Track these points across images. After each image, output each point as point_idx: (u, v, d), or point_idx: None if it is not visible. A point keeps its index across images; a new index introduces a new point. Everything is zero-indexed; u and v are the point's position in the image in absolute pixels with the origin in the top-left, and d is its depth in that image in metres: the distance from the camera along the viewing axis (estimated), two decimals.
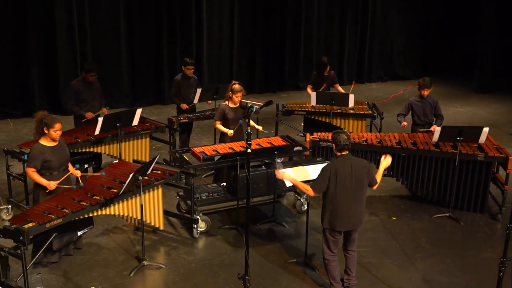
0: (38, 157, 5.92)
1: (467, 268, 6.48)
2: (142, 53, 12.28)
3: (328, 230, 5.64)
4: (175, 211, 7.41)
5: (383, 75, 15.58)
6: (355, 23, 14.75)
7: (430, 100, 8.23)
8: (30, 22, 10.99)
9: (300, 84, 14.18)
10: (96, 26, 11.68)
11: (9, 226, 5.41)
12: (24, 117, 11.27)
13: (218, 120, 7.65)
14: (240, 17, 13.21)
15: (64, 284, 5.95)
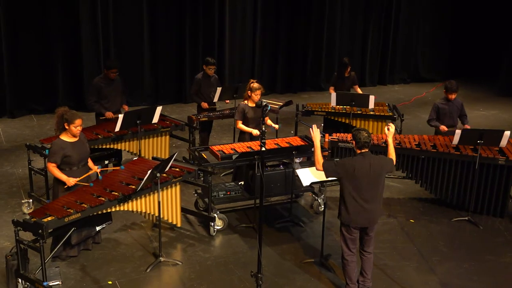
0: (59, 152, 5.99)
1: (485, 273, 6.39)
2: (165, 52, 12.37)
3: (345, 227, 5.62)
4: (193, 208, 7.44)
5: (406, 77, 15.48)
6: (378, 24, 14.69)
7: (456, 103, 8.16)
8: (56, 21, 11.15)
9: (322, 85, 14.17)
10: (120, 25, 11.80)
11: (29, 219, 5.48)
12: (48, 113, 11.40)
13: (239, 120, 7.64)
14: (262, 17, 13.24)
15: (81, 278, 6.01)
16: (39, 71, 11.31)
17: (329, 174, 5.62)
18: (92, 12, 11.34)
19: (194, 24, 12.39)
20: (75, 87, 11.70)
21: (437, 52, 15.69)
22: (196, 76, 9.12)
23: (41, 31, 11.12)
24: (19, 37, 10.97)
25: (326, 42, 14.06)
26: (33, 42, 11.10)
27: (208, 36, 12.63)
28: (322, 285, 6.07)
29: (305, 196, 8.10)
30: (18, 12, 10.86)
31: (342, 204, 5.59)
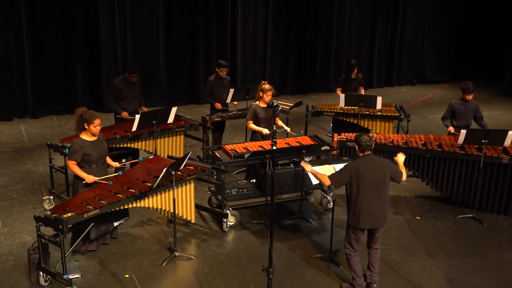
0: (79, 151, 6.03)
1: (489, 269, 6.34)
2: (179, 54, 12.39)
3: (352, 228, 5.61)
4: (207, 205, 7.44)
5: (412, 78, 15.40)
6: (385, 28, 14.62)
7: (472, 105, 8.10)
8: (75, 25, 11.21)
9: (331, 86, 14.14)
10: (137, 29, 11.83)
11: (49, 215, 5.51)
12: (68, 113, 11.44)
13: (250, 120, 7.64)
14: (273, 21, 13.21)
15: (100, 272, 6.04)
16: (59, 73, 11.38)
17: (338, 183, 5.61)
18: (111, 16, 11.39)
19: (207, 27, 12.40)
20: (94, 88, 11.76)
21: (442, 54, 15.60)
22: (209, 78, 9.13)
23: (61, 35, 11.18)
24: (40, 42, 11.04)
25: (335, 45, 14.02)
26: (54, 46, 11.17)
27: (221, 39, 12.64)
28: (330, 279, 6.06)
29: (314, 193, 8.09)
30: (40, 18, 10.93)
31: (351, 207, 5.58)
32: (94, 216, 5.71)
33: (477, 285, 6.03)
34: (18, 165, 8.86)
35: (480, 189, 7.49)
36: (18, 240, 6.62)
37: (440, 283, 6.03)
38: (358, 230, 5.58)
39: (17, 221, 7.07)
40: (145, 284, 5.84)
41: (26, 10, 10.71)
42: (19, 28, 10.74)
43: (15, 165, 8.87)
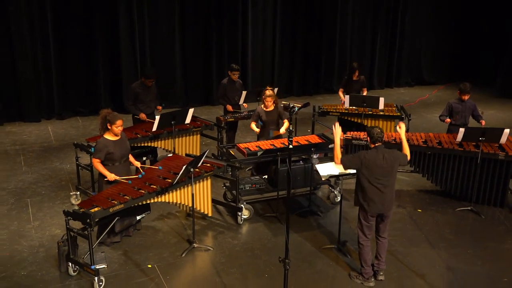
0: (103, 150, 6.00)
1: (488, 258, 6.27)
2: (194, 59, 12.36)
3: (363, 215, 5.56)
4: (222, 200, 7.41)
5: (411, 80, 15.29)
6: (385, 33, 14.54)
7: (470, 104, 8.02)
8: (98, 33, 11.18)
9: (334, 88, 14.02)
10: (154, 37, 11.79)
11: (77, 210, 5.49)
12: (91, 115, 11.48)
13: (253, 121, 7.65)
14: (281, 27, 13.15)
15: (124, 262, 6.02)
16: (83, 77, 11.36)
17: (347, 166, 5.61)
18: (130, 24, 11.36)
19: (219, 34, 12.36)
20: (115, 91, 11.73)
21: (439, 57, 15.49)
22: (222, 81, 9.09)
23: (85, 42, 11.17)
24: (65, 49, 11.04)
25: (338, 50, 13.94)
26: (77, 52, 11.16)
27: (232, 44, 12.59)
28: (340, 268, 6.01)
29: (322, 188, 8.02)
30: (65, 27, 10.92)
31: (359, 193, 5.55)
32: (119, 211, 5.68)
33: (477, 273, 5.96)
34: (46, 163, 8.85)
35: (477, 183, 7.41)
36: (48, 233, 6.61)
37: (442, 272, 5.97)
38: (368, 217, 5.54)
39: (47, 215, 7.06)
40: (166, 274, 5.81)
41: (52, 19, 10.71)
42: (45, 36, 10.74)
43: (44, 163, 8.87)
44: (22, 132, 10.45)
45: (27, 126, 10.78)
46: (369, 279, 5.69)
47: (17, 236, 6.51)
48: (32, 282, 5.63)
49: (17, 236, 6.53)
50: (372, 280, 5.69)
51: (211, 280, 5.73)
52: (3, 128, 10.62)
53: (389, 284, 5.74)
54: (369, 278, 5.69)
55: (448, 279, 5.85)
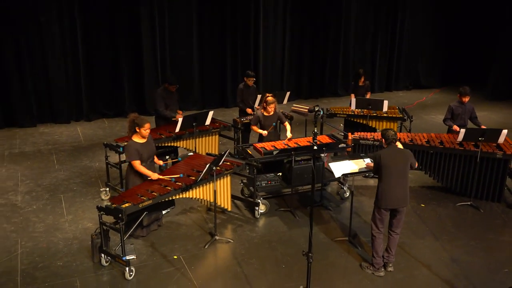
0: (136, 152, 5.90)
1: (489, 250, 6.16)
2: (210, 65, 12.27)
3: (377, 209, 5.48)
4: (239, 195, 7.33)
5: (408, 84, 15.14)
6: (385, 41, 14.39)
7: (468, 106, 7.89)
8: (122, 41, 11.11)
9: (339, 91, 13.94)
10: (174, 45, 11.70)
11: (110, 205, 5.43)
12: (117, 117, 11.44)
13: (254, 125, 7.48)
14: (290, 36, 13.04)
15: (152, 253, 5.94)
16: (108, 82, 11.31)
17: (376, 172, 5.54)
18: (152, 33, 11.29)
19: (233, 42, 12.27)
20: (138, 95, 11.66)
21: (434, 62, 15.32)
22: (239, 87, 8.98)
23: (110, 51, 11.10)
24: (92, 56, 10.98)
25: (342, 56, 13.81)
26: (104, 59, 11.10)
27: (245, 52, 12.49)
28: (351, 258, 5.92)
29: (331, 184, 7.92)
30: (92, 35, 10.87)
31: (378, 189, 5.48)
32: (147, 206, 5.61)
33: (479, 264, 5.86)
34: (77, 161, 8.80)
35: (476, 180, 7.30)
36: (81, 226, 6.54)
37: (446, 263, 5.86)
38: (381, 211, 5.45)
39: (79, 210, 6.99)
40: (191, 264, 5.73)
41: (81, 30, 10.66)
42: (75, 46, 10.69)
43: (74, 161, 8.82)
44: (54, 132, 10.40)
45: (58, 127, 10.74)
46: (379, 269, 5.59)
47: (53, 229, 6.46)
48: (68, 271, 5.57)
49: (52, 229, 6.47)
50: (382, 271, 5.60)
51: (233, 270, 5.65)
52: (37, 129, 10.58)
53: (398, 274, 5.64)
54: (379, 269, 5.59)
55: (453, 269, 5.74)
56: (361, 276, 5.60)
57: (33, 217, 6.75)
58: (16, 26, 10.09)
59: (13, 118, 10.55)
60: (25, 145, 9.58)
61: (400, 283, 5.49)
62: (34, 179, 7.98)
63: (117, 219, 5.36)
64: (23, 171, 8.32)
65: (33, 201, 7.24)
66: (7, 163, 8.65)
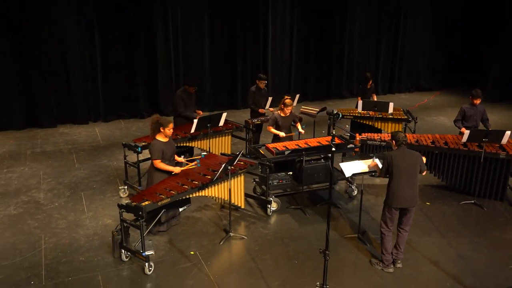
0: (159, 151, 5.87)
1: (493, 247, 6.08)
2: (221, 68, 12.21)
3: (387, 208, 5.41)
4: (251, 193, 7.27)
5: (410, 86, 15.04)
6: (388, 46, 14.31)
7: (480, 108, 7.80)
8: (137, 46, 11.07)
9: (343, 94, 13.86)
10: (186, 49, 11.64)
11: (130, 203, 5.39)
12: (132, 118, 11.41)
13: (271, 126, 7.41)
14: (297, 41, 12.97)
15: (169, 249, 5.90)
16: (124, 85, 11.26)
17: (383, 174, 5.48)
18: (166, 38, 11.25)
19: (243, 46, 12.21)
20: (152, 97, 11.61)
21: (434, 66, 15.22)
22: (251, 89, 8.92)
23: (126, 54, 11.07)
24: (109, 60, 10.95)
25: (346, 60, 13.73)
26: (120, 63, 11.06)
27: (255, 56, 12.43)
28: (361, 255, 5.85)
29: (339, 183, 7.86)
30: (109, 41, 10.84)
31: (388, 189, 5.40)
32: (166, 204, 5.57)
33: (484, 261, 5.78)
34: (96, 160, 8.77)
35: (480, 179, 7.21)
36: (101, 223, 6.51)
37: (453, 259, 5.79)
38: (392, 210, 5.38)
39: (99, 207, 6.96)
40: (207, 260, 5.69)
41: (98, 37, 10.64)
42: (93, 49, 10.67)
43: (93, 160, 8.79)
44: (73, 133, 10.38)
45: (77, 128, 10.72)
46: (389, 265, 5.53)
47: (74, 225, 6.43)
48: (90, 266, 5.53)
49: (74, 225, 6.44)
50: (392, 267, 5.53)
51: (248, 266, 5.60)
52: (57, 130, 10.57)
53: (407, 270, 5.57)
54: (388, 265, 5.53)
55: (459, 265, 5.66)
56: (371, 272, 5.54)
57: (55, 214, 6.73)
58: (37, 31, 10.07)
59: (35, 119, 10.54)
60: (46, 145, 9.57)
61: (409, 279, 5.42)
62: (55, 178, 7.96)
63: (138, 217, 5.32)
64: (45, 169, 8.30)
65: (55, 198, 7.21)
66: (29, 162, 8.63)
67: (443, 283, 5.34)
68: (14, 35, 9.90)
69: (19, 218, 6.59)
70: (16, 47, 10.00)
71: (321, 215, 6.81)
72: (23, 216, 6.66)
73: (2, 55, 9.91)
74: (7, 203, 7.02)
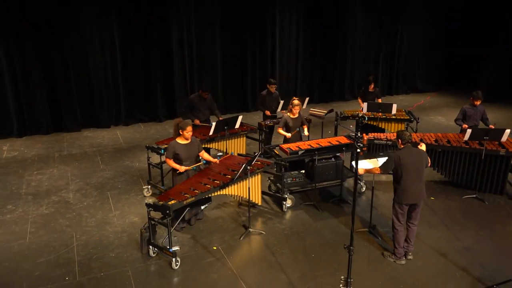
0: (170, 150, 5.81)
1: (497, 239, 5.97)
2: (232, 73, 12.09)
3: (397, 204, 5.30)
4: (267, 191, 7.17)
5: (407, 89, 14.90)
6: (385, 51, 14.15)
7: (480, 108, 7.68)
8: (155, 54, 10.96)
9: (346, 96, 13.73)
10: (200, 56, 11.52)
11: (157, 202, 5.31)
12: (151, 121, 11.31)
13: (280, 127, 7.32)
14: (303, 47, 12.84)
15: (194, 244, 5.82)
16: (143, 90, 11.16)
17: (386, 170, 5.32)
18: (181, 45, 11.14)
19: (253, 53, 12.09)
20: (169, 101, 11.49)
21: (430, 69, 15.07)
22: (262, 93, 8.83)
23: (144, 62, 10.96)
24: (128, 67, 10.85)
25: (349, 65, 13.60)
26: (139, 69, 10.96)
27: (263, 62, 12.30)
28: (373, 248, 5.75)
29: (347, 180, 7.73)
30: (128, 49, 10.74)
31: (395, 186, 5.27)
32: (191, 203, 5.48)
33: (490, 252, 5.67)
34: (119, 162, 8.69)
35: (481, 175, 7.10)
36: (128, 221, 6.43)
37: (460, 251, 5.68)
38: (402, 205, 5.27)
39: (125, 206, 6.88)
40: (229, 254, 5.60)
41: (119, 45, 10.54)
42: (114, 57, 10.58)
43: (117, 161, 8.71)
44: (97, 136, 10.31)
45: (100, 131, 10.64)
46: (401, 258, 5.42)
47: (103, 223, 6.35)
48: (120, 262, 5.45)
49: (103, 223, 6.36)
50: (404, 259, 5.43)
51: (268, 260, 5.50)
52: (81, 134, 10.49)
53: (417, 262, 5.47)
54: (401, 258, 5.42)
55: (466, 257, 5.56)
56: (383, 264, 5.44)
57: (84, 213, 6.65)
58: (62, 41, 9.99)
59: (61, 123, 10.46)
60: (72, 148, 9.49)
61: (420, 270, 5.32)
62: (82, 178, 7.88)
63: (165, 215, 5.23)
64: (72, 171, 8.23)
65: (84, 198, 7.14)
66: (58, 164, 8.56)
67: (452, 274, 5.24)
68: (39, 45, 9.80)
69: (51, 217, 6.51)
70: (42, 56, 9.91)
71: (333, 211, 6.72)
72: (55, 215, 6.58)
73: (29, 64, 9.83)
74: (39, 203, 6.95)
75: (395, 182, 5.28)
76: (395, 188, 5.30)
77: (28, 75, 9.88)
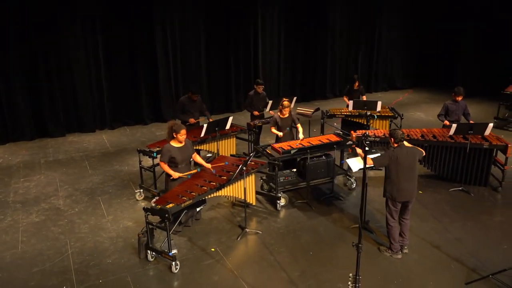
0: (166, 154, 5.67)
1: (485, 229, 6.07)
2: (216, 76, 11.97)
3: (391, 201, 5.30)
4: (260, 191, 7.10)
5: (386, 86, 15.07)
6: (365, 50, 14.29)
7: (462, 104, 7.79)
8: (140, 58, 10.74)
9: (327, 94, 13.79)
10: (184, 60, 11.36)
11: (155, 206, 5.18)
12: (136, 124, 11.08)
13: (272, 126, 7.31)
14: (284, 49, 12.83)
15: (191, 247, 5.70)
16: (129, 94, 10.92)
17: (379, 165, 5.32)
18: (165, 50, 10.97)
19: (236, 55, 12.01)
20: (154, 105, 11.28)
21: (407, 67, 15.29)
22: (249, 93, 8.76)
23: (129, 65, 10.73)
24: (113, 71, 10.61)
25: (329, 65, 13.67)
26: (123, 74, 10.72)
27: (246, 63, 12.22)
28: (368, 243, 5.75)
29: (337, 177, 7.74)
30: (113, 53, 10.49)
31: (389, 184, 5.26)
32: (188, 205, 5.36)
33: (480, 242, 5.76)
34: (108, 166, 8.47)
35: (466, 167, 7.22)
36: (122, 225, 6.25)
37: (452, 243, 5.75)
38: (395, 203, 5.28)
39: (117, 210, 6.70)
40: (228, 255, 5.51)
41: (102, 49, 10.29)
42: (97, 61, 10.32)
43: (105, 166, 8.48)
44: (82, 141, 10.03)
45: (85, 136, 10.36)
46: (397, 252, 5.45)
47: (97, 229, 6.16)
48: (117, 267, 5.30)
49: (96, 229, 6.17)
50: (400, 253, 5.45)
51: (267, 259, 5.44)
52: (66, 139, 10.19)
53: (413, 255, 5.50)
54: (397, 252, 5.45)
55: (459, 248, 5.62)
56: (380, 258, 5.45)
57: (77, 219, 6.44)
58: (44, 44, 9.66)
59: (45, 129, 10.13)
60: (58, 153, 9.20)
61: (417, 262, 5.35)
62: (71, 184, 7.64)
63: (164, 219, 5.10)
64: (60, 177, 7.97)
65: (74, 204, 6.92)
66: (44, 171, 8.28)
67: (447, 265, 5.29)
68: (20, 49, 9.47)
69: (42, 225, 6.28)
70: (24, 61, 9.58)
71: (325, 208, 6.70)
72: (46, 223, 6.35)
73: (11, 68, 9.48)
74: (29, 211, 6.70)
75: (388, 179, 5.28)
76: (387, 185, 5.29)
77: (9, 79, 9.53)
